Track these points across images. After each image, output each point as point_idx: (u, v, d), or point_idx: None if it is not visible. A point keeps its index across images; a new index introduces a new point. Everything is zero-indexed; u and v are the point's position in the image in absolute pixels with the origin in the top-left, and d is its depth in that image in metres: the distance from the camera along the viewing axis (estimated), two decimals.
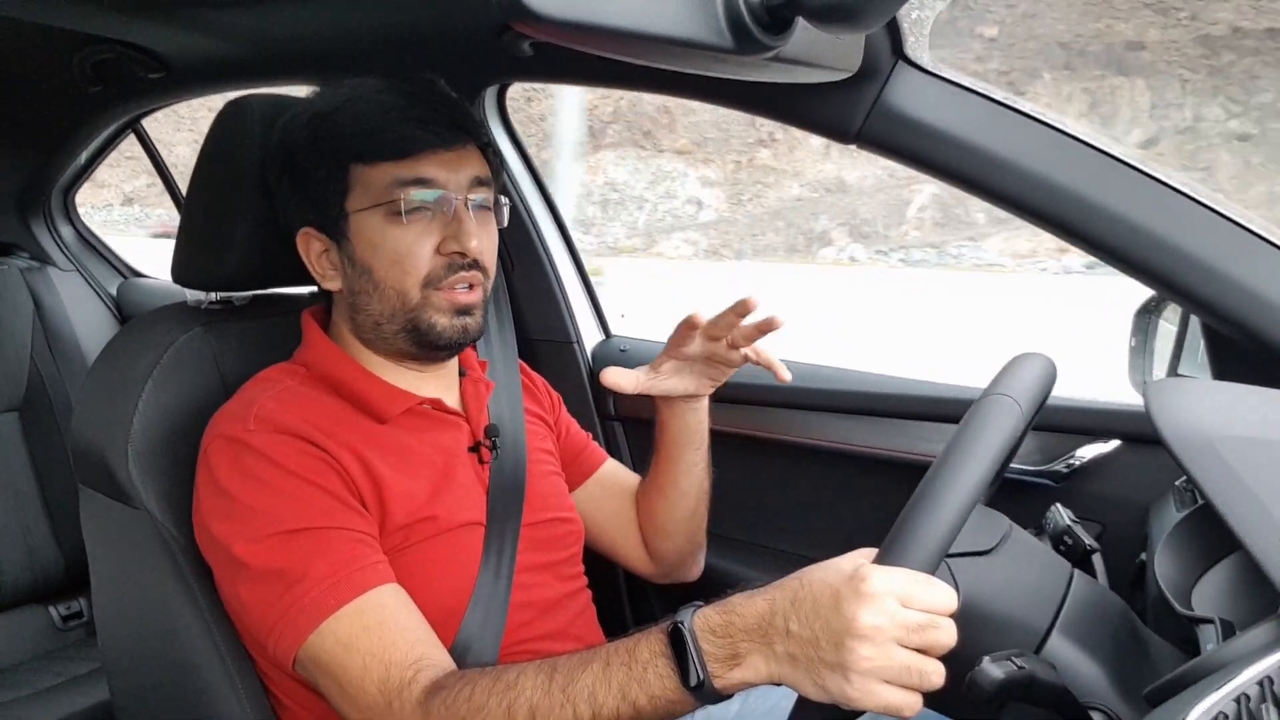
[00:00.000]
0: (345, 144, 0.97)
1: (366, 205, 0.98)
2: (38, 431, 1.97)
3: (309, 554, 0.89)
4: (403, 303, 0.99)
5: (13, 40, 1.62)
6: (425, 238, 0.98)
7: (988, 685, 0.72)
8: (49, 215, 2.25)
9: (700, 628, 0.75)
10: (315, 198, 1.00)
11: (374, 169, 0.97)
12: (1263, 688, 0.61)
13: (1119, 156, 1.00)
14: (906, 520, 0.71)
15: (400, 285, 0.98)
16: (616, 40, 0.65)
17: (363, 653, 0.86)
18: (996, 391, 0.79)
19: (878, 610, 0.67)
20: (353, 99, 0.99)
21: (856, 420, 1.46)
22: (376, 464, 0.97)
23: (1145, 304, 1.24)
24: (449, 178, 0.99)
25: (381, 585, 0.90)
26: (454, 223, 0.99)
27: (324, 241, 1.02)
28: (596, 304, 1.74)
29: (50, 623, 1.92)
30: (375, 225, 0.98)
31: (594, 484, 1.27)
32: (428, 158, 0.98)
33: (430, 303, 0.99)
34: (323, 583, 0.88)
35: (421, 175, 0.97)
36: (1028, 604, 0.83)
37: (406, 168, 0.97)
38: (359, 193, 0.98)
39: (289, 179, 1.02)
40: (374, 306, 1.01)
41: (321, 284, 1.04)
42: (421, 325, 1.00)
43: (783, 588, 0.73)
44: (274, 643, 0.89)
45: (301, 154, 0.99)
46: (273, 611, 0.88)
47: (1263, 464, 0.73)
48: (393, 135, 0.97)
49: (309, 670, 0.90)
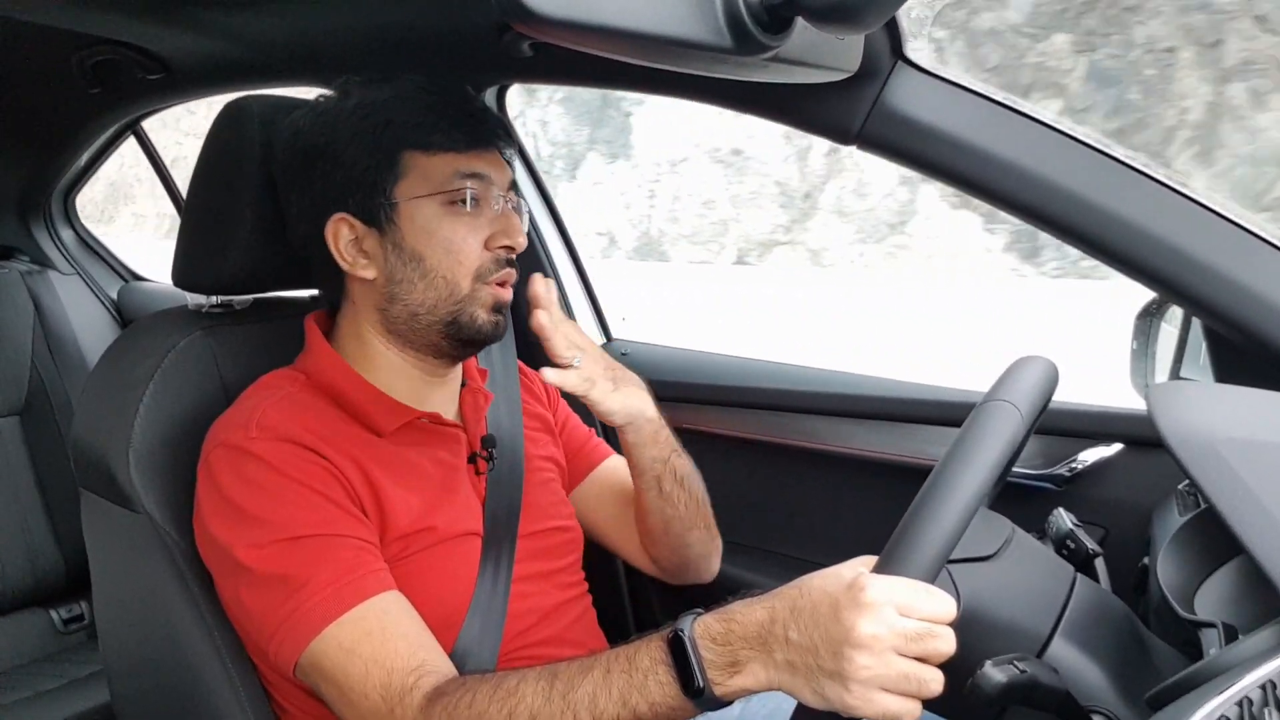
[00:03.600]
0: (402, 133, 0.98)
1: (423, 193, 0.98)
2: (38, 435, 1.98)
3: (311, 561, 0.88)
4: (451, 293, 1.00)
5: (12, 41, 1.62)
6: (477, 230, 1.00)
7: (990, 689, 0.72)
8: (49, 218, 2.25)
9: (701, 635, 0.75)
10: (358, 184, 0.99)
11: (434, 158, 0.98)
12: (1265, 692, 0.61)
13: (1120, 158, 1.00)
14: (906, 529, 0.71)
15: (453, 275, 0.99)
16: (616, 40, 0.65)
17: (364, 659, 0.86)
18: (997, 397, 0.79)
19: (876, 619, 0.67)
20: (402, 94, 1.00)
21: (860, 424, 1.46)
22: (376, 474, 0.97)
23: (1147, 307, 1.24)
24: (498, 176, 1.01)
25: (383, 592, 0.90)
26: (502, 219, 1.01)
27: (359, 229, 1.00)
28: (598, 307, 1.74)
29: (51, 626, 1.92)
30: (432, 213, 0.98)
31: (594, 482, 1.26)
32: (481, 155, 1.00)
33: (477, 297, 1.00)
34: (325, 589, 0.87)
35: (479, 170, 0.99)
36: (1030, 609, 0.83)
37: (467, 161, 0.99)
38: (414, 180, 0.98)
39: (323, 167, 1.00)
40: (416, 296, 1.00)
41: (351, 272, 1.02)
42: (464, 318, 1.00)
43: (782, 596, 0.74)
44: (275, 649, 0.89)
45: (343, 142, 0.99)
46: (274, 618, 0.88)
47: (1265, 467, 0.73)
48: (456, 127, 0.99)
49: (310, 677, 0.90)
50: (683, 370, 1.62)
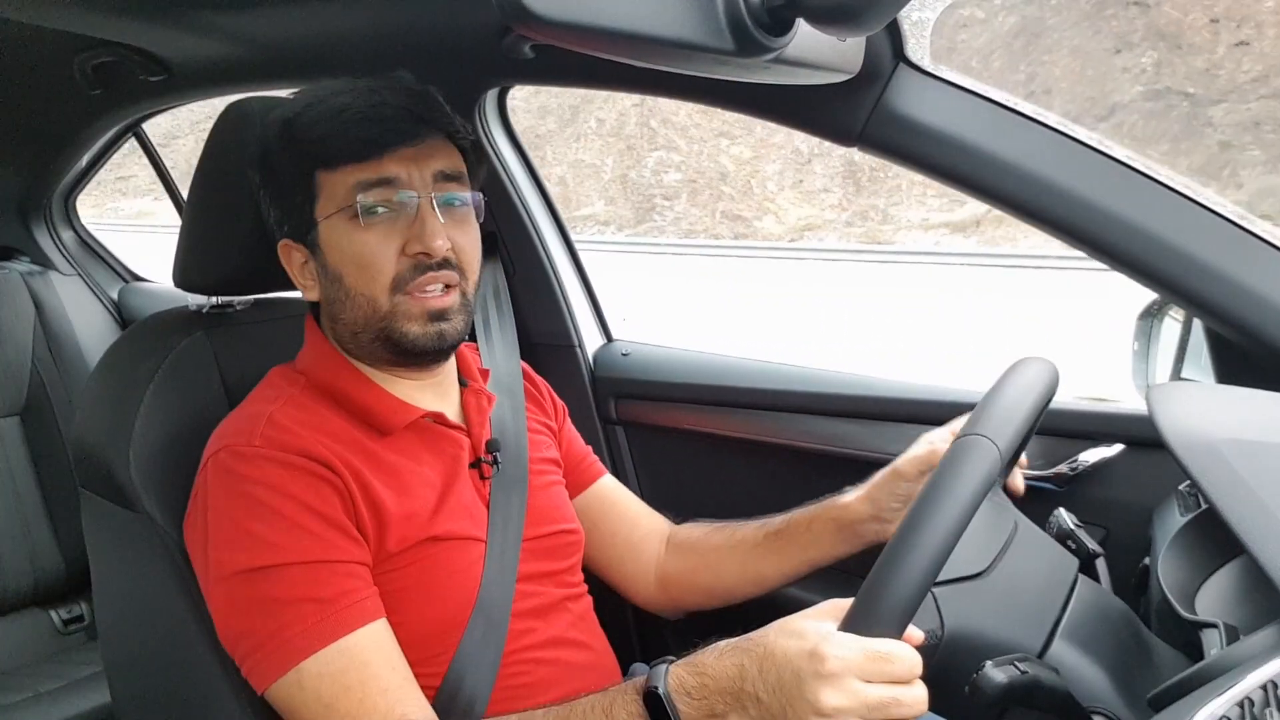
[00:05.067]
0: (309, 150, 0.95)
1: (332, 211, 0.96)
2: (39, 435, 1.98)
3: (297, 586, 0.88)
4: (373, 310, 0.97)
5: (13, 43, 1.62)
6: (389, 240, 0.95)
7: (990, 690, 0.72)
8: (50, 219, 2.25)
9: (676, 689, 0.76)
10: (288, 207, 0.99)
11: (336, 173, 0.95)
12: (1267, 692, 0.61)
13: (1121, 159, 1.00)
14: (873, 582, 0.71)
15: (369, 292, 0.96)
16: (617, 42, 0.65)
17: (341, 714, 0.86)
18: (974, 430, 0.77)
19: (839, 691, 0.68)
20: (313, 103, 0.97)
21: (861, 425, 1.46)
22: (379, 480, 0.96)
23: (1148, 307, 1.24)
24: (412, 175, 0.95)
25: (367, 625, 0.89)
26: (417, 222, 0.95)
27: (302, 252, 1.00)
28: (598, 307, 1.74)
29: (51, 626, 1.92)
30: (341, 231, 0.96)
31: (591, 496, 1.26)
32: (389, 156, 0.94)
33: (400, 310, 0.96)
34: (308, 619, 0.87)
35: (384, 175, 0.94)
36: (1024, 623, 0.83)
37: (368, 169, 0.94)
38: (325, 199, 0.96)
39: (266, 189, 1.01)
40: (348, 315, 0.99)
41: (304, 295, 1.03)
42: (394, 334, 0.97)
43: (749, 653, 0.74)
44: (249, 669, 0.89)
45: (274, 163, 0.98)
46: (253, 640, 0.88)
47: (1266, 467, 0.73)
48: (350, 136, 0.94)
49: (281, 706, 0.89)
50: (683, 371, 1.62)
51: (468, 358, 1.14)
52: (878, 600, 0.70)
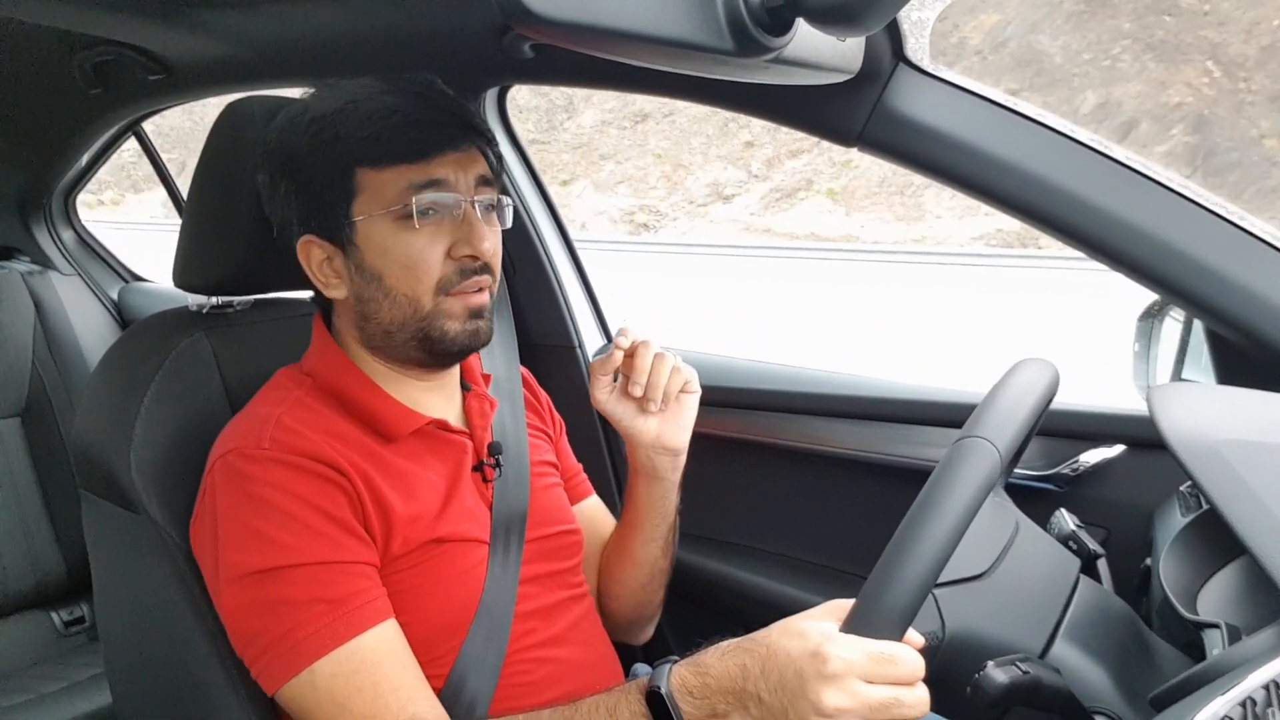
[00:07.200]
0: (351, 148, 0.95)
1: (377, 210, 0.95)
2: (40, 436, 1.98)
3: (308, 587, 0.88)
4: (415, 310, 0.97)
5: (14, 42, 1.62)
6: (437, 242, 0.96)
7: (992, 690, 0.72)
8: (50, 219, 2.25)
9: (678, 689, 0.77)
10: (318, 204, 0.98)
11: (384, 173, 0.95)
12: (1269, 692, 0.61)
13: (1122, 159, 1.00)
14: (874, 584, 0.71)
15: (413, 292, 0.96)
16: (617, 42, 0.65)
17: (354, 713, 0.86)
18: (974, 433, 0.77)
19: (841, 692, 0.68)
20: (355, 101, 0.96)
21: (859, 425, 1.46)
22: (384, 484, 0.96)
23: (1148, 308, 1.24)
24: (459, 179, 0.96)
25: (378, 625, 0.89)
26: (464, 226, 0.96)
27: (327, 249, 0.99)
28: (598, 307, 1.74)
29: (52, 628, 1.92)
30: (386, 230, 0.96)
31: (577, 514, 1.24)
32: (439, 159, 0.96)
33: (442, 309, 0.97)
34: (319, 620, 0.87)
35: (434, 177, 0.95)
36: (1025, 623, 0.83)
37: (419, 171, 0.95)
38: (368, 198, 0.96)
39: (288, 185, 0.99)
40: (384, 314, 0.98)
41: (325, 292, 1.02)
42: (434, 333, 0.98)
43: (752, 653, 0.75)
44: (259, 670, 0.89)
45: (302, 159, 0.97)
46: (263, 640, 0.88)
47: (1267, 468, 0.73)
48: (404, 137, 0.94)
49: (291, 706, 0.89)
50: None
51: (470, 362, 1.14)
52: (879, 601, 0.70)
